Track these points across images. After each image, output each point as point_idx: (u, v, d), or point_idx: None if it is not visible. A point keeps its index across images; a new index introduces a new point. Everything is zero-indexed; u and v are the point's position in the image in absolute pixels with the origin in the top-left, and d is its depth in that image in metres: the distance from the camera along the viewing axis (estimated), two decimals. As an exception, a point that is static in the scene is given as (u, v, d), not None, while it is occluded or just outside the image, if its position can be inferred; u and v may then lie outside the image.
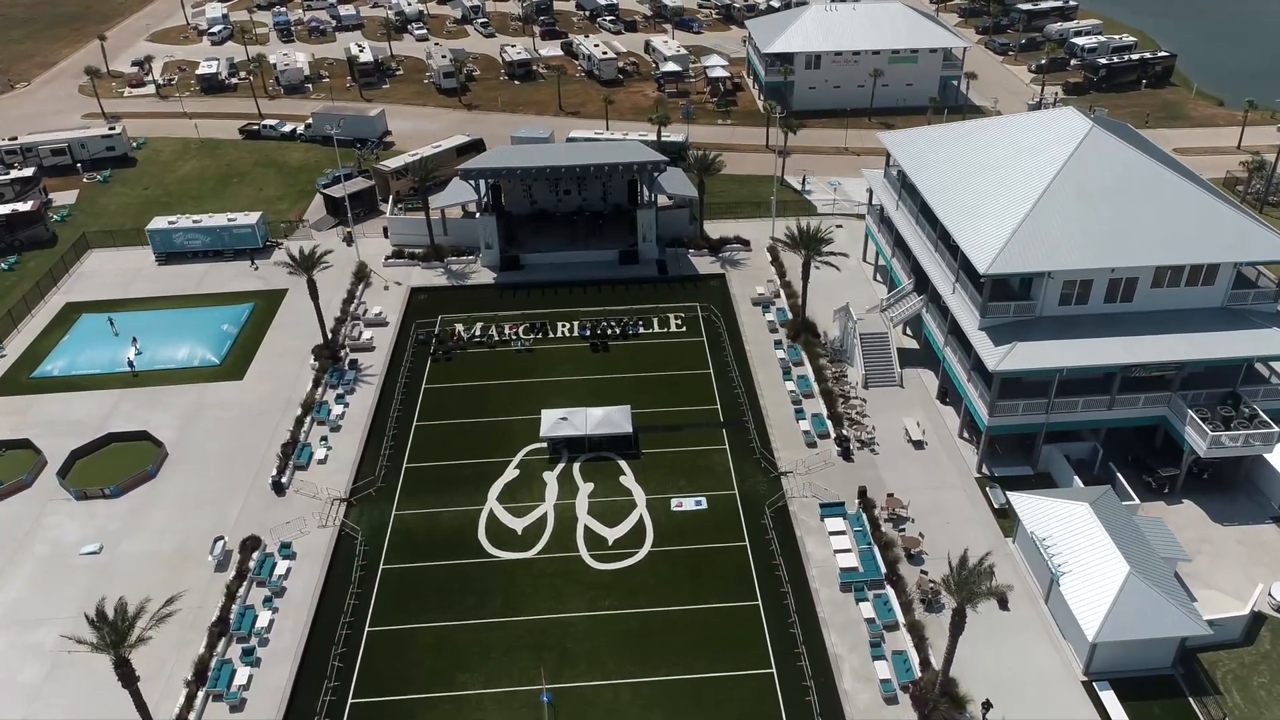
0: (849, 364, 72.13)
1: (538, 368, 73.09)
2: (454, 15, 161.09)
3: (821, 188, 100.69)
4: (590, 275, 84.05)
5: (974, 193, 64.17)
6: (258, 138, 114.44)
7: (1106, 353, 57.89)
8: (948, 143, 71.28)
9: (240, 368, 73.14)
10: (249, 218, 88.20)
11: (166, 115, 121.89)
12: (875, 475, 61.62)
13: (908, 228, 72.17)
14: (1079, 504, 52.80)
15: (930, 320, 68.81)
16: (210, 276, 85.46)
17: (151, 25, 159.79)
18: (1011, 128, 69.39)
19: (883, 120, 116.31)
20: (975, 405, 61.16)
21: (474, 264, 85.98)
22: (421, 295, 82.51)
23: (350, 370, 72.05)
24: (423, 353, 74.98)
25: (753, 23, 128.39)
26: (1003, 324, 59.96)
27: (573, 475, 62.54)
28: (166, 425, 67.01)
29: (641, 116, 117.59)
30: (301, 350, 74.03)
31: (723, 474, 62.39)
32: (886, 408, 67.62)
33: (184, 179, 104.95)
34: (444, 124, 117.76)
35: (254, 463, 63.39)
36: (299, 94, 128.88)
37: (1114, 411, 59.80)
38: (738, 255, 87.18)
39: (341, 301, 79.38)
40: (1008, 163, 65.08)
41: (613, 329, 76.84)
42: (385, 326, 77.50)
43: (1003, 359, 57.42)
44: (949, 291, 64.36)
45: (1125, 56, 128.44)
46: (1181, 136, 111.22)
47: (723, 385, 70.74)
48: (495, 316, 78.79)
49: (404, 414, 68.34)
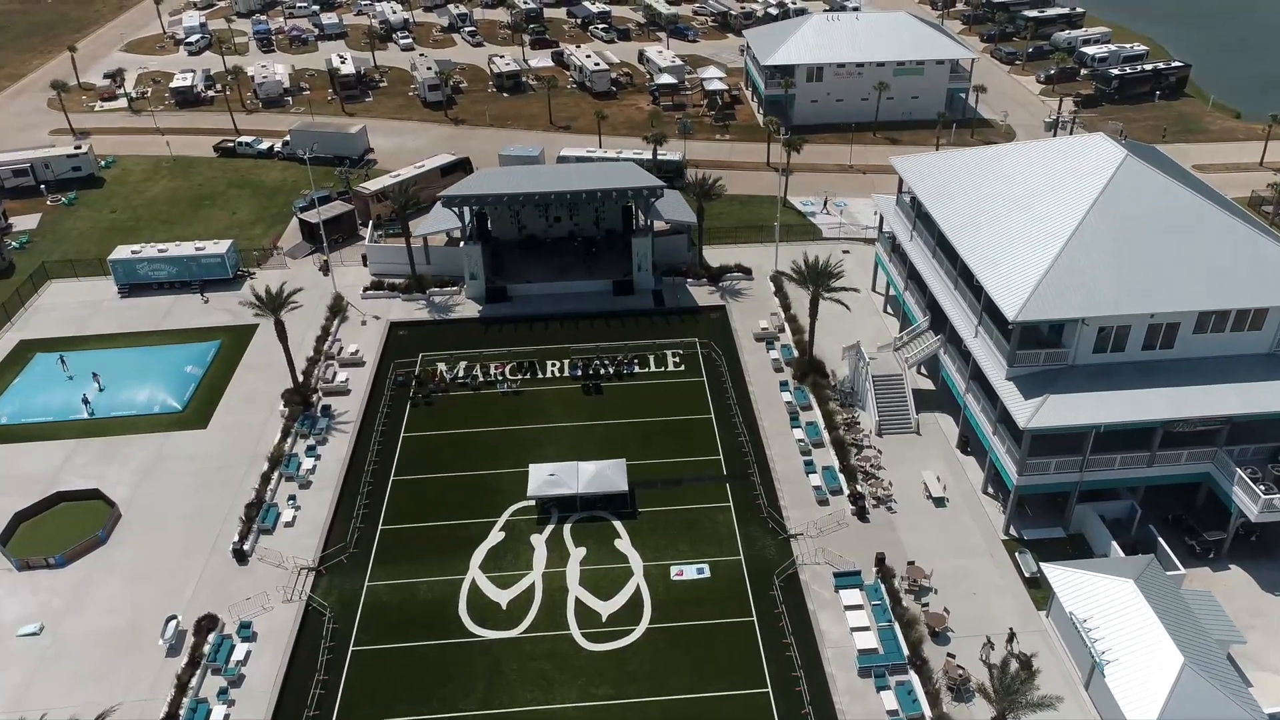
0: (860, 408, 67.02)
1: (526, 412, 67.84)
2: (441, 24, 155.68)
3: (826, 208, 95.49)
4: (582, 308, 78.79)
5: (998, 228, 59.09)
6: (233, 155, 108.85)
7: (1147, 407, 52.84)
8: (967, 171, 66.18)
9: (204, 414, 67.73)
10: (218, 246, 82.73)
11: (138, 131, 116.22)
12: (893, 538, 56.50)
13: (923, 261, 67.07)
14: (1123, 581, 47.69)
15: (949, 363, 63.71)
16: (176, 310, 79.97)
17: (126, 35, 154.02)
18: (1037, 155, 64.32)
19: (888, 135, 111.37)
20: (1002, 461, 56.08)
21: (458, 295, 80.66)
22: (401, 331, 77.14)
23: (322, 417, 66.71)
24: (402, 396, 69.65)
25: (751, 33, 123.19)
26: (1032, 373, 54.89)
27: (563, 539, 57.28)
28: (121, 481, 61.59)
29: (636, 131, 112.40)
30: (270, 394, 68.68)
31: (727, 536, 57.20)
32: (903, 458, 62.51)
33: (153, 201, 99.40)
34: (429, 140, 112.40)
35: (215, 525, 58.02)
36: (278, 107, 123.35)
37: (1154, 469, 54.77)
38: (739, 285, 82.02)
39: (315, 339, 74.01)
40: (1035, 195, 60.01)
41: (606, 368, 71.63)
42: (362, 367, 72.16)
43: (1034, 415, 52.32)
44: (971, 335, 59.27)
45: (1138, 67, 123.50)
46: (1201, 152, 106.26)
47: (725, 432, 65.57)
48: (480, 355, 73.49)
49: (380, 467, 63.02)
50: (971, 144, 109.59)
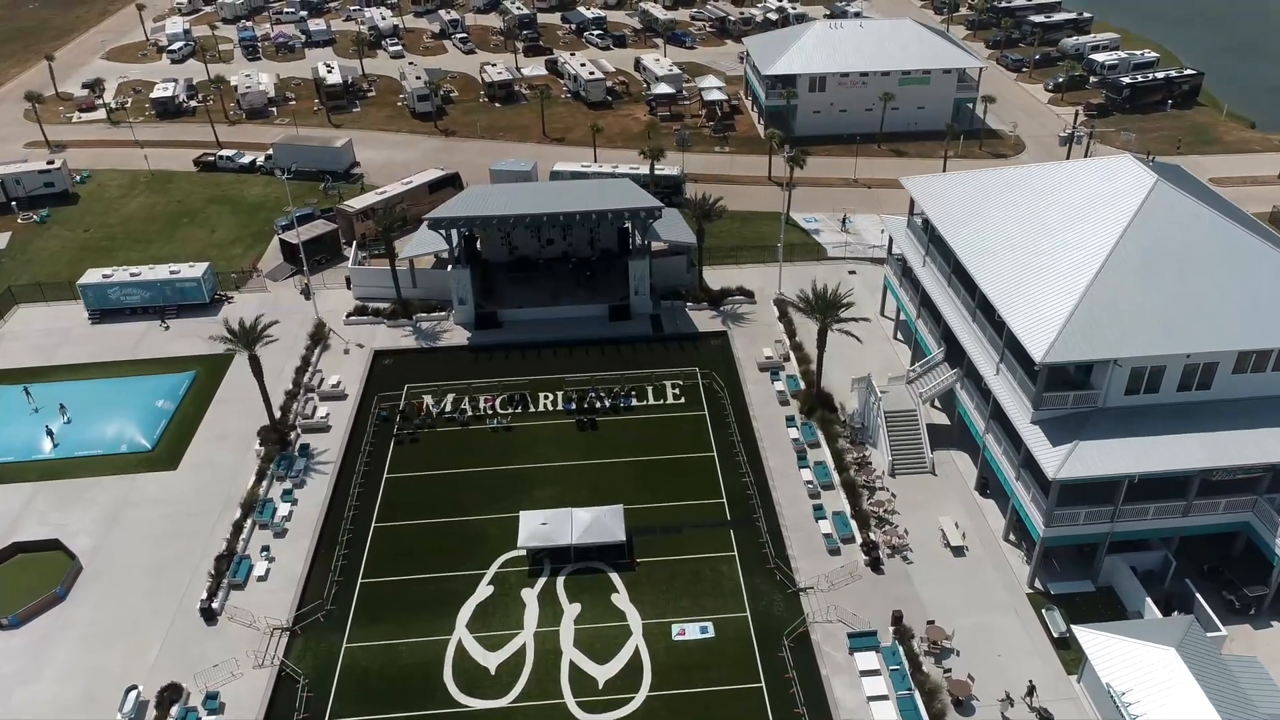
0: (872, 445, 63.21)
1: (517, 450, 63.94)
2: (431, 30, 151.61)
3: (831, 226, 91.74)
4: (576, 334, 74.86)
5: (1020, 258, 55.29)
6: (214, 170, 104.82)
7: (1184, 454, 49.06)
8: (984, 193, 62.39)
9: (174, 454, 63.75)
10: (194, 270, 78.68)
11: (117, 144, 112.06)
12: (910, 591, 52.69)
13: (938, 290, 63.26)
14: (1163, 649, 43.88)
15: (966, 399, 59.91)
16: (149, 338, 75.92)
17: (108, 42, 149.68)
18: (1059, 179, 60.53)
19: (893, 147, 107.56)
20: (1026, 510, 52.29)
21: (446, 321, 76.72)
22: (386, 360, 73.18)
23: (300, 457, 62.73)
24: (385, 432, 65.71)
25: (751, 41, 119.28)
26: (1059, 416, 51.12)
27: (556, 593, 53.36)
28: (84, 530, 57.61)
29: (632, 143, 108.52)
30: (246, 431, 64.68)
31: (732, 590, 53.33)
32: (918, 502, 58.70)
33: (129, 219, 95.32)
34: (418, 153, 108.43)
35: (182, 579, 54.05)
36: (262, 118, 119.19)
37: (1190, 518, 51.05)
38: (741, 309, 78.15)
39: (295, 369, 70.09)
40: (1059, 223, 56.22)
41: (602, 401, 67.78)
42: (343, 400, 68.21)
43: (1063, 464, 48.52)
44: (991, 372, 55.47)
45: (1150, 75, 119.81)
46: (1217, 164, 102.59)
47: (729, 473, 61.71)
48: (469, 386, 69.57)
49: (361, 512, 59.07)
50: (979, 156, 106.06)
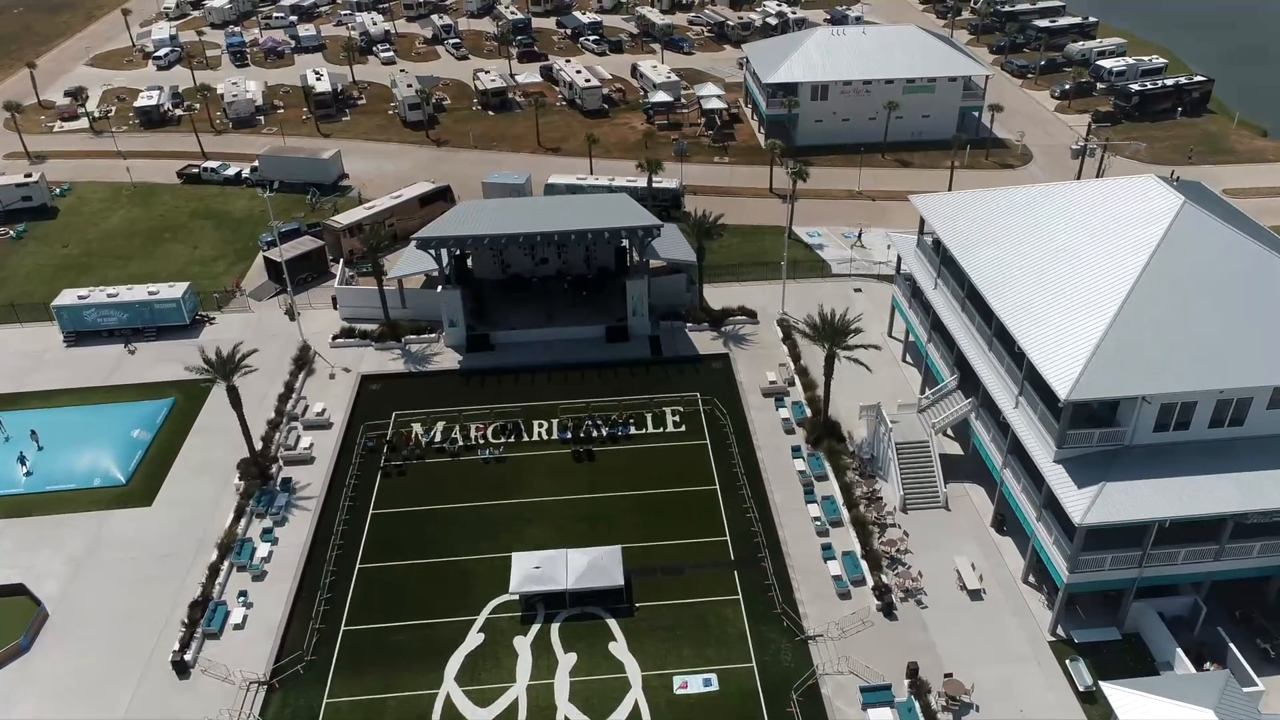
0: (882, 478, 60.28)
1: (509, 483, 60.95)
2: (424, 35, 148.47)
3: (835, 240, 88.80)
4: (572, 357, 71.91)
5: (1040, 285, 52.33)
6: (198, 182, 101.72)
7: (1218, 496, 46.17)
8: (999, 214, 59.45)
9: (150, 488, 60.69)
10: (173, 290, 75.53)
11: (99, 154, 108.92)
12: (925, 639, 49.75)
13: (951, 315, 60.32)
14: (1201, 712, 40.96)
15: (982, 431, 57.01)
16: (126, 363, 72.83)
17: (93, 48, 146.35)
18: (1078, 200, 57.59)
19: (897, 157, 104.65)
20: (1049, 553, 49.38)
21: (436, 344, 73.70)
22: (373, 385, 70.16)
23: (282, 492, 59.70)
24: (372, 464, 62.72)
25: (751, 48, 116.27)
26: (1084, 455, 48.20)
27: (550, 642, 50.37)
28: (52, 573, 54.56)
29: (629, 153, 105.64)
30: (225, 464, 61.64)
31: (737, 639, 50.35)
32: (932, 540, 55.77)
33: (110, 234, 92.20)
34: (409, 164, 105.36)
35: (155, 627, 51.02)
36: (249, 127, 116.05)
37: (1222, 562, 48.18)
38: (743, 329, 75.20)
39: (278, 396, 67.07)
40: (1080, 247, 53.29)
41: (599, 430, 64.81)
42: (328, 429, 65.19)
43: (1090, 508, 45.59)
44: (1010, 405, 52.54)
45: (1158, 82, 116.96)
46: (1230, 175, 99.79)
47: (732, 508, 58.74)
48: (459, 414, 66.56)
49: (345, 552, 56.06)
50: (986, 166, 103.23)
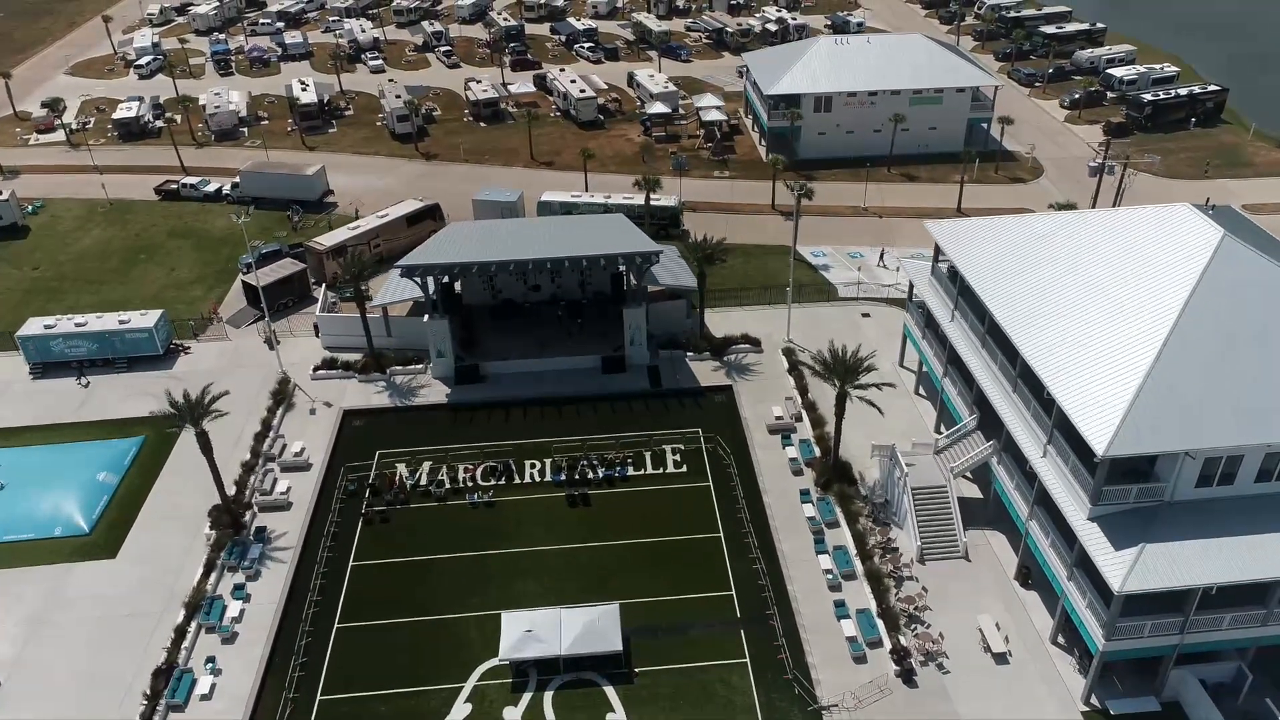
0: (897, 525, 56.57)
1: (499, 531, 57.13)
2: (414, 42, 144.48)
3: (841, 261, 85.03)
4: (566, 389, 68.09)
5: (1071, 325, 48.58)
6: (176, 199, 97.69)
7: (1268, 559, 42.51)
8: (1021, 244, 55.70)
9: (114, 538, 56.77)
10: (145, 319, 71.53)
11: (74, 169, 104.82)
12: (949, 709, 46.06)
13: (970, 350, 56.59)
14: (1257, 803, 37.47)
15: (1005, 478, 53.30)
16: (96, 395, 68.94)
17: (73, 56, 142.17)
18: (1108, 230, 53.82)
19: (904, 171, 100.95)
20: (1081, 617, 45.67)
21: (423, 375, 69.87)
22: (356, 421, 66.31)
23: (256, 543, 55.80)
24: (353, 509, 58.87)
25: (752, 58, 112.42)
26: (1121, 512, 44.53)
27: (544, 713, 46.54)
28: (5, 635, 50.66)
29: (626, 166, 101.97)
30: (196, 510, 57.70)
31: (744, 708, 46.56)
32: (952, 595, 52.03)
33: (83, 255, 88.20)
34: (397, 179, 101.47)
35: (115, 696, 47.15)
36: (232, 140, 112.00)
37: (1270, 627, 44.53)
38: (746, 359, 71.44)
39: (254, 435, 63.19)
40: (1113, 283, 49.56)
41: (595, 471, 61.03)
42: (307, 471, 61.33)
43: (1129, 574, 41.91)
44: (1037, 454, 48.83)
45: (1171, 91, 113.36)
46: (1248, 189, 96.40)
47: (738, 558, 54.97)
48: (447, 453, 62.71)
49: (323, 610, 52.19)
50: (996, 180, 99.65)
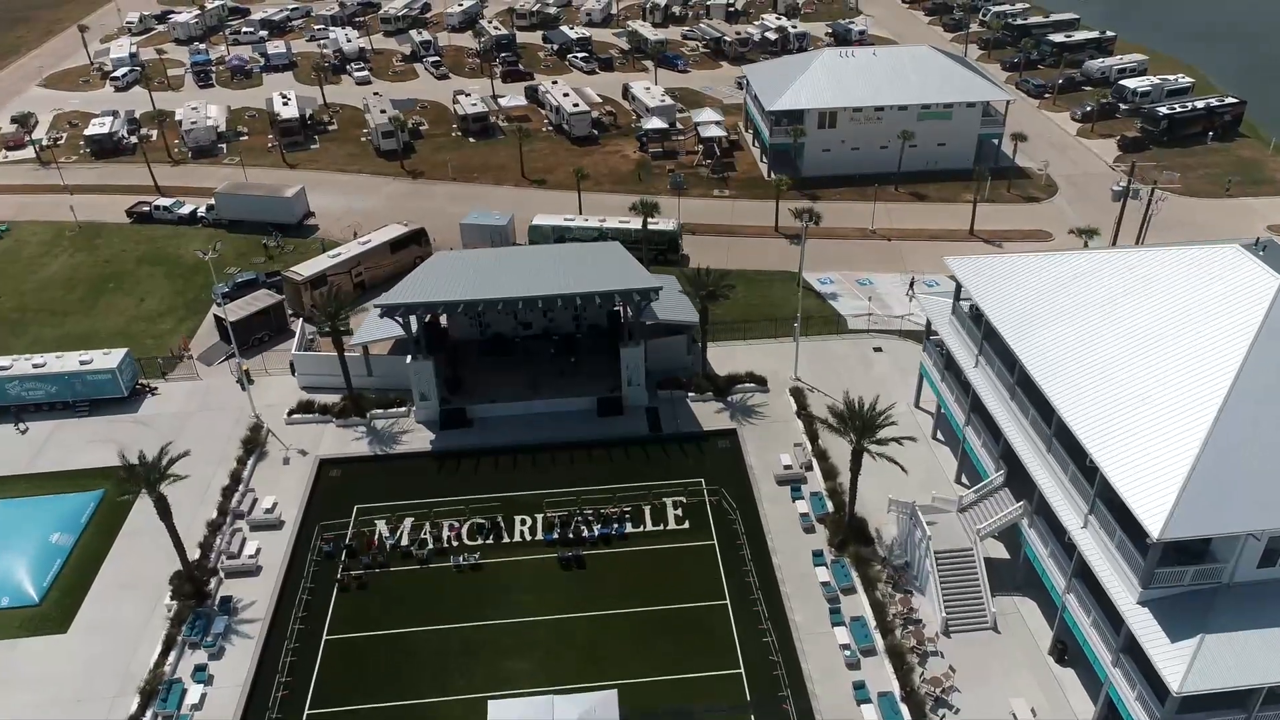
0: (919, 590, 52.11)
1: (486, 598, 52.53)
2: (402, 51, 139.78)
3: (849, 289, 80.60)
4: (559, 435, 63.52)
5: (1115, 382, 44.13)
6: (149, 221, 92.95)
7: (1341, 652, 38.25)
8: (1055, 288, 51.18)
9: (67, 609, 52.11)
10: (109, 358, 66.78)
11: (43, 189, 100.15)
12: (982, 812, 41.72)
13: (997, 401, 52.12)
14: None
15: (1037, 542, 48.85)
16: (55, 441, 64.27)
17: (48, 67, 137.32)
18: (1148, 273, 49.29)
19: (912, 189, 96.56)
20: (1130, 711, 41.18)
21: (406, 419, 65.30)
22: (333, 471, 61.70)
23: (220, 615, 51.14)
24: (328, 573, 54.24)
25: (753, 71, 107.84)
26: (1176, 595, 40.15)
27: (534, 818, 42.22)
28: (-60, 725, 46.21)
29: (621, 186, 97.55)
30: (158, 576, 53.00)
31: (756, 811, 42.28)
32: (981, 673, 47.53)
33: (48, 284, 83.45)
34: (382, 199, 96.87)
35: (58, 800, 42.67)
36: (209, 157, 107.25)
37: (1339, 723, 40.28)
38: (752, 399, 66.97)
39: (222, 489, 58.55)
40: (1159, 334, 45.15)
41: (590, 528, 56.49)
42: (279, 530, 56.70)
43: (1189, 670, 37.51)
44: (1076, 524, 44.42)
45: (1188, 104, 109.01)
46: (1273, 208, 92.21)
47: (746, 629, 50.44)
48: (430, 508, 58.13)
49: (293, 695, 47.51)
50: (1009, 199, 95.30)
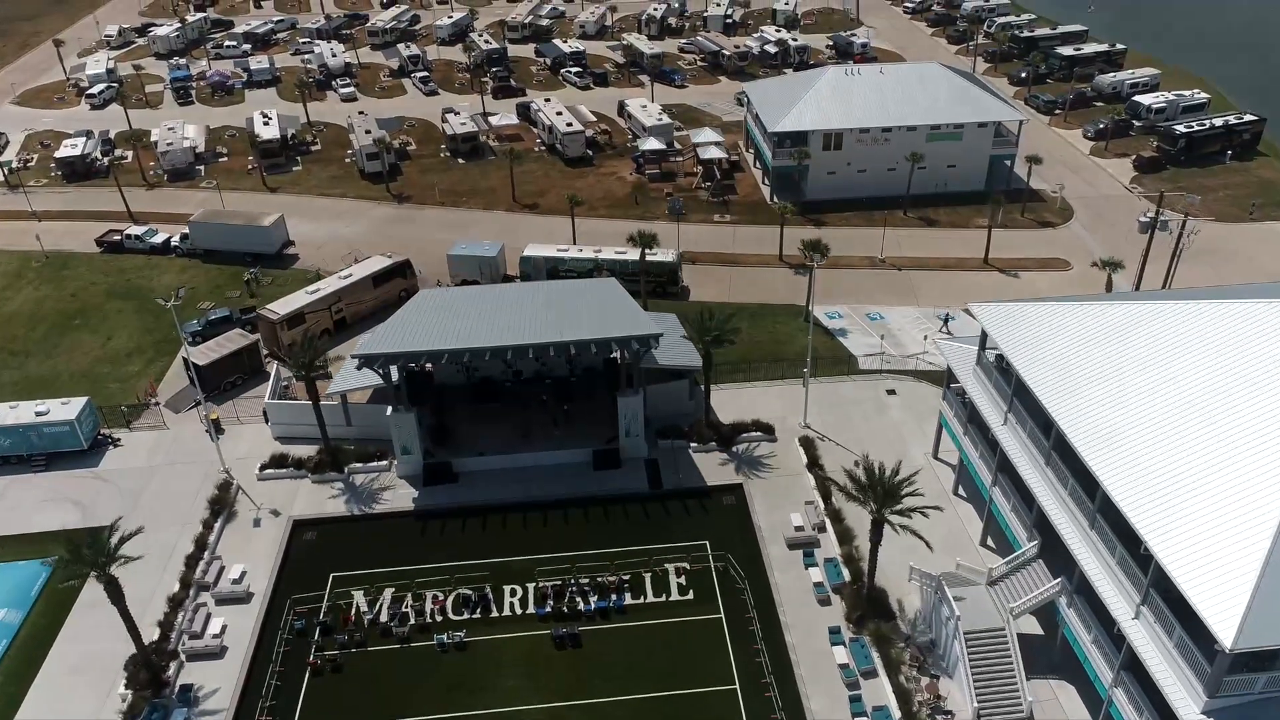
0: (946, 673, 47.65)
1: (472, 683, 47.89)
2: (390, 66, 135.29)
3: (859, 324, 76.20)
4: (552, 491, 59.00)
5: (1170, 456, 39.72)
6: (120, 251, 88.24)
7: None
8: (1094, 342, 46.75)
9: (9, 700, 47.31)
10: (68, 409, 62.06)
11: (10, 216, 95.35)
12: None
13: (1030, 466, 47.68)
14: None
15: (1078, 625, 44.41)
16: (6, 502, 59.52)
17: (21, 83, 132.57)
18: (1197, 326, 44.87)
19: (921, 214, 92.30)
20: (1192, 830, 36.87)
21: (387, 474, 60.75)
22: (307, 534, 57.07)
23: (180, 706, 46.44)
24: (300, 654, 49.57)
25: (754, 89, 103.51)
26: (1245, 703, 35.77)
27: None
28: None
29: (617, 210, 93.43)
30: (112, 659, 48.29)
31: None
32: (1018, 773, 43.27)
33: (9, 320, 78.71)
34: (366, 225, 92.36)
35: None
36: (187, 180, 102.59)
37: None
38: (758, 449, 62.53)
39: (185, 557, 53.92)
40: (1215, 398, 40.75)
41: (586, 599, 51.95)
42: (247, 603, 52.05)
43: (1267, 799, 33.20)
44: (1126, 614, 40.00)
45: (1206, 122, 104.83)
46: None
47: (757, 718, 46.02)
48: (413, 577, 53.51)
49: (256, 801, 43.16)
50: (1023, 224, 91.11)
